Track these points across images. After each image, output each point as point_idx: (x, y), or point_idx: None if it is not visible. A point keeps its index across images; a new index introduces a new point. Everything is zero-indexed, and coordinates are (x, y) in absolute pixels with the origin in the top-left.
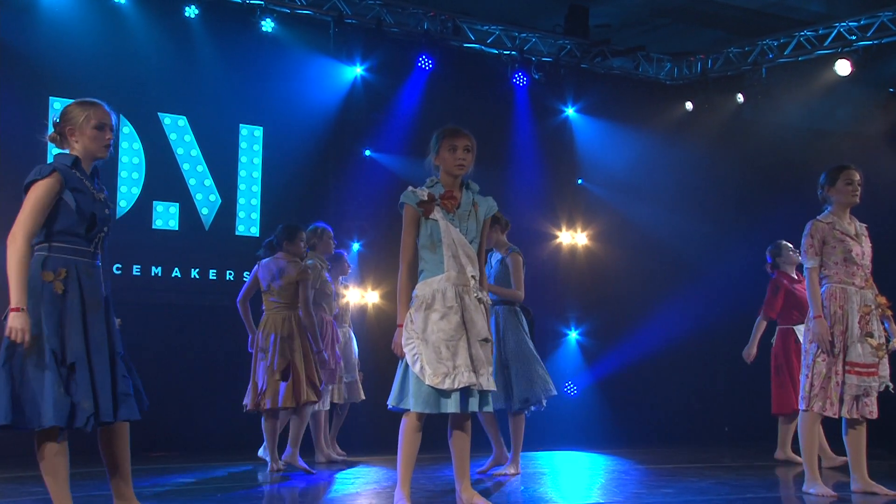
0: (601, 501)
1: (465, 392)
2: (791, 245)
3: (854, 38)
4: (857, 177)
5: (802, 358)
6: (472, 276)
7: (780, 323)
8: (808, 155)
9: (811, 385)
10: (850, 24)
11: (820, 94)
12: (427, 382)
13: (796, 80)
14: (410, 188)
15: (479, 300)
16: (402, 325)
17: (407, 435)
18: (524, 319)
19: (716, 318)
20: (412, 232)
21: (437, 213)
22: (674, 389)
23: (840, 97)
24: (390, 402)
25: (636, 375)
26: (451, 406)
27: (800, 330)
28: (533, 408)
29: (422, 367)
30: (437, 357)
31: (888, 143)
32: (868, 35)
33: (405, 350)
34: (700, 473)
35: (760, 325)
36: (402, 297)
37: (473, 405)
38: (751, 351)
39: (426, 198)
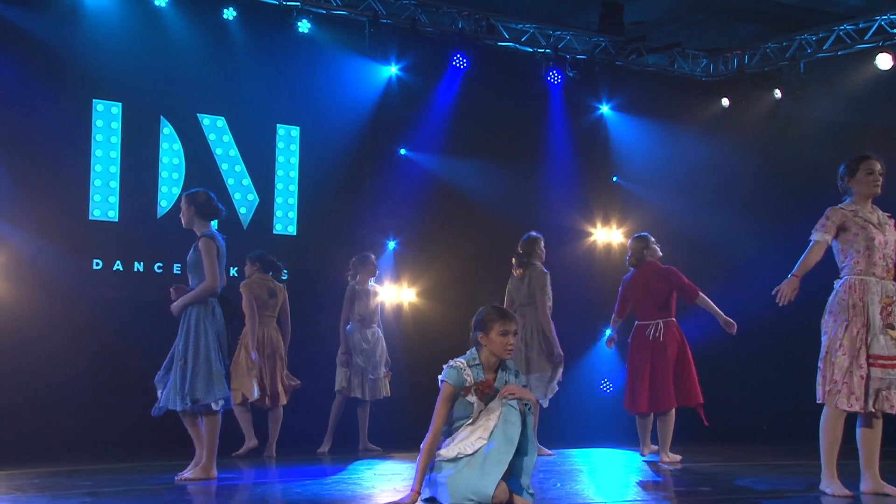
0: (638, 499)
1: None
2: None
3: (895, 31)
4: (878, 167)
5: (821, 351)
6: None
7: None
8: (847, 151)
9: (833, 381)
10: (891, 17)
11: (860, 88)
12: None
13: (835, 75)
14: (453, 365)
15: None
16: (416, 492)
17: None
18: (219, 312)
19: (753, 316)
20: (448, 406)
21: (471, 396)
22: (711, 387)
23: (881, 92)
24: None
25: None
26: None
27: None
28: (215, 407)
29: (471, 446)
30: (466, 437)
31: None
32: None
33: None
34: (737, 472)
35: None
36: (423, 464)
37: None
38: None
39: (468, 384)
